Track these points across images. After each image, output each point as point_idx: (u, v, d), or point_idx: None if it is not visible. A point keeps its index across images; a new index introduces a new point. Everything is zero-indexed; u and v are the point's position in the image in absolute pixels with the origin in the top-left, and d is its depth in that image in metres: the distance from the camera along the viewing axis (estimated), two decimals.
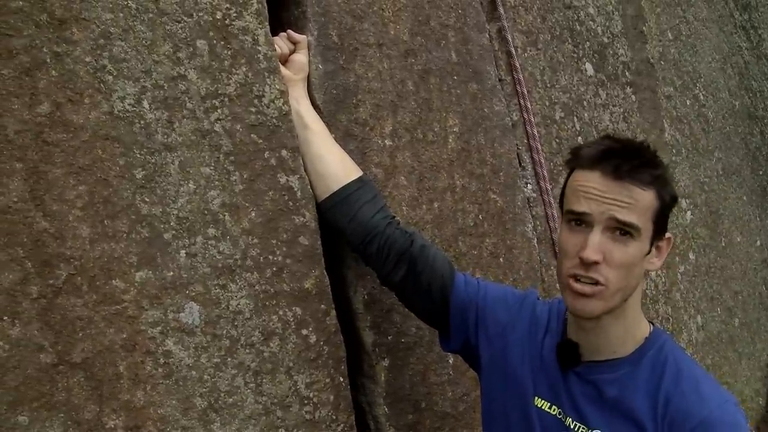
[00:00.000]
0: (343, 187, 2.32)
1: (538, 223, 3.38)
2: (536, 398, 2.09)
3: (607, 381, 1.96)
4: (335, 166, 2.34)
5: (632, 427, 1.89)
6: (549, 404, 2.07)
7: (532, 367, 2.13)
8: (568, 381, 2.04)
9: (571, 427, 1.99)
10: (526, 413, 2.10)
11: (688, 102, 5.59)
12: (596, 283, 1.84)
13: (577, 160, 1.93)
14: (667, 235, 1.94)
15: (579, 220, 1.87)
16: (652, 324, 2.05)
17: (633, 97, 4.55)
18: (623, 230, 1.83)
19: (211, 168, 2.11)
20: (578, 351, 2.03)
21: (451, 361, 2.77)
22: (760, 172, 7.19)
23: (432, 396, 2.68)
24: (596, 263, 1.82)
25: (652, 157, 1.89)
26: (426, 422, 2.65)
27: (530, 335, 2.18)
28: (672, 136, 5.07)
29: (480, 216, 3.00)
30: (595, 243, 1.82)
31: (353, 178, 2.33)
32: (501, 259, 3.09)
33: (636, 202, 1.81)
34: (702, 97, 5.92)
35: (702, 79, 5.98)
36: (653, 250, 1.91)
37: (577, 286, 1.85)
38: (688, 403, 1.84)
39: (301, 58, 2.40)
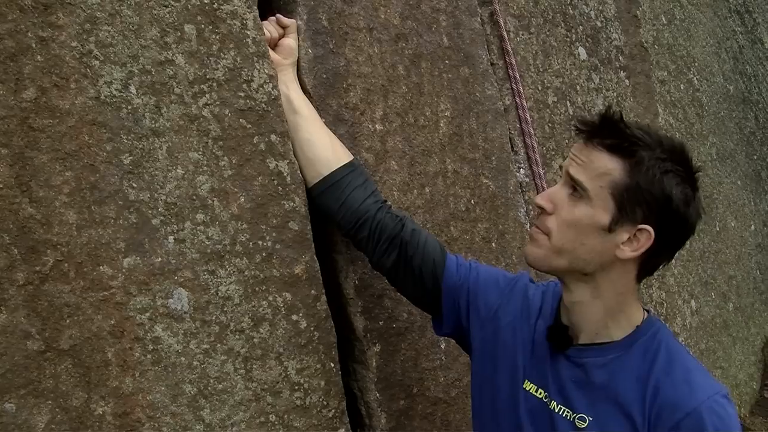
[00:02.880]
0: (333, 171, 2.30)
1: (530, 207, 3.38)
2: (526, 381, 2.09)
3: (595, 365, 1.96)
4: (325, 151, 2.33)
5: (618, 414, 1.88)
6: (536, 387, 2.06)
7: (524, 350, 2.13)
8: (557, 364, 2.03)
9: (556, 410, 1.98)
10: (514, 396, 2.10)
11: (682, 86, 5.58)
12: (541, 231, 1.92)
13: (576, 126, 1.96)
14: (643, 226, 1.86)
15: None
16: (647, 312, 2.03)
17: (626, 81, 4.54)
18: (575, 188, 1.87)
19: (200, 153, 2.10)
20: (569, 334, 2.03)
21: (443, 347, 2.76)
22: (755, 157, 7.19)
23: (424, 381, 2.68)
24: (544, 211, 1.90)
25: (626, 130, 1.85)
26: (418, 408, 2.64)
27: (522, 319, 2.18)
28: (666, 120, 5.06)
29: (472, 201, 3.00)
30: (548, 191, 1.93)
31: (343, 163, 2.32)
32: (493, 244, 3.08)
33: (590, 163, 1.84)
34: (696, 82, 5.91)
35: (696, 64, 5.97)
36: (625, 235, 1.86)
37: (530, 228, 1.96)
38: (678, 393, 1.83)
39: (290, 42, 2.38)
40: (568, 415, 1.96)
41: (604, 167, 1.83)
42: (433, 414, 2.70)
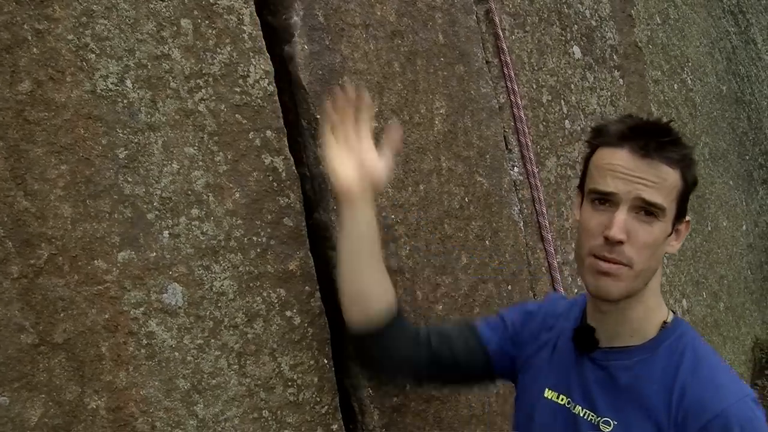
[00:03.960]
0: (383, 316, 2.20)
1: (524, 206, 3.38)
2: (546, 389, 2.08)
3: (621, 368, 1.93)
4: (377, 289, 2.22)
5: (643, 417, 1.86)
6: (557, 394, 2.05)
7: (547, 359, 2.13)
8: (582, 367, 2.01)
9: (581, 415, 1.96)
10: (534, 406, 2.09)
11: (675, 86, 5.59)
12: (620, 263, 1.81)
13: (601, 138, 1.89)
14: (687, 218, 1.92)
15: (603, 199, 1.84)
16: (673, 312, 2.01)
17: (620, 80, 4.55)
18: (648, 210, 1.80)
19: (195, 148, 2.09)
20: (595, 336, 2.00)
21: None
22: (747, 157, 7.21)
23: None
24: (621, 243, 1.80)
25: (678, 136, 1.86)
26: (411, 405, 2.64)
27: (548, 330, 2.18)
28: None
29: (466, 198, 3.00)
30: (621, 222, 1.79)
31: (393, 307, 2.22)
32: (487, 242, 3.08)
33: (662, 182, 1.79)
34: (689, 82, 5.92)
35: (690, 64, 5.98)
36: (673, 233, 1.89)
37: (601, 265, 1.82)
38: (705, 395, 1.81)
39: (377, 162, 2.21)
40: (593, 418, 1.94)
41: (674, 182, 1.82)
42: (425, 411, 2.70)
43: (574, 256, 2.45)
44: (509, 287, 3.18)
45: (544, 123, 3.67)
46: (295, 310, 2.30)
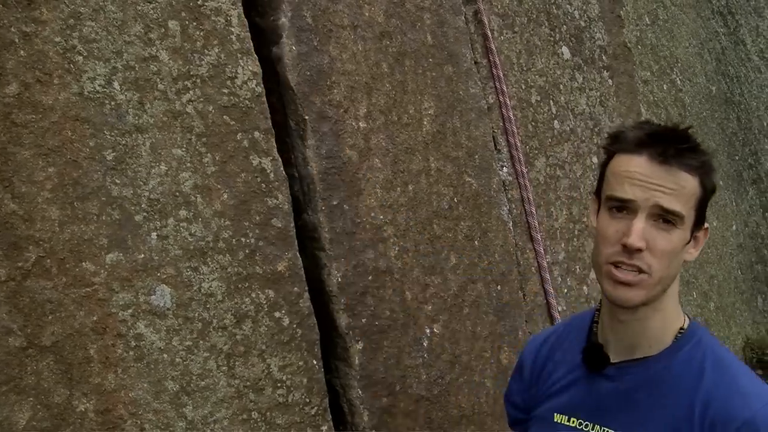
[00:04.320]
0: None
1: (513, 206, 3.39)
2: (555, 414, 2.02)
3: (637, 381, 1.89)
4: None
5: (664, 429, 1.82)
6: (567, 417, 1.99)
7: (556, 383, 2.07)
8: (595, 385, 1.96)
9: None
10: None
11: (665, 86, 5.60)
12: (639, 270, 1.77)
13: (619, 144, 1.85)
14: (705, 225, 1.87)
15: (621, 207, 1.80)
16: (688, 317, 1.96)
17: (610, 81, 4.56)
18: (666, 218, 1.76)
19: (183, 149, 2.09)
20: (605, 352, 1.95)
21: (425, 344, 2.77)
22: (736, 157, 7.23)
23: (406, 379, 2.68)
24: (639, 250, 1.76)
25: (697, 143, 1.82)
26: (400, 405, 2.65)
27: (553, 358, 2.13)
28: (649, 120, 5.08)
29: (455, 199, 3.00)
30: (640, 230, 1.76)
31: None
32: (476, 242, 3.09)
33: (681, 189, 1.76)
34: (679, 82, 5.93)
35: (679, 64, 5.99)
36: (692, 240, 1.85)
37: (620, 274, 1.78)
38: (731, 403, 1.76)
39: None
40: None
41: (693, 189, 1.78)
42: (415, 412, 2.70)
43: (591, 262, 2.42)
44: (498, 287, 3.19)
45: (533, 123, 3.67)
46: (284, 311, 2.30)
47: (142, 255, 1.99)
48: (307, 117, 2.44)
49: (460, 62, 3.15)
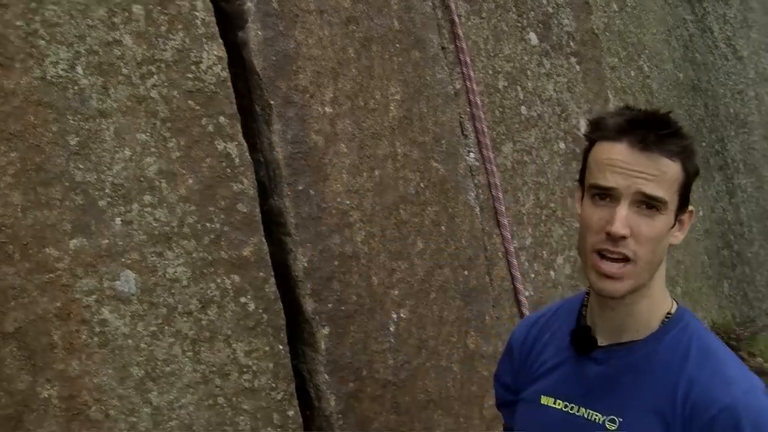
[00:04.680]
0: None
1: (480, 191, 3.39)
2: (542, 396, 2.02)
3: (623, 365, 1.90)
4: None
5: (650, 412, 1.83)
6: (554, 399, 2.00)
7: (543, 366, 2.07)
8: (582, 368, 1.96)
9: (584, 416, 1.91)
10: (533, 415, 2.05)
11: (632, 73, 5.63)
12: (624, 258, 1.78)
13: (599, 131, 1.84)
14: (690, 208, 1.88)
15: (604, 194, 1.80)
16: (675, 302, 1.96)
17: (577, 67, 4.57)
18: (650, 204, 1.76)
19: (148, 134, 2.09)
20: (592, 335, 1.95)
21: (392, 329, 2.78)
22: (703, 144, 7.27)
23: (373, 364, 2.69)
24: (624, 238, 1.76)
25: (678, 127, 1.81)
26: (367, 390, 2.65)
27: (541, 340, 2.12)
28: (616, 106, 5.11)
29: (422, 184, 3.01)
30: (623, 217, 1.75)
31: None
32: (443, 227, 3.10)
33: (663, 175, 1.76)
34: (646, 69, 5.97)
35: (647, 51, 6.02)
36: (677, 224, 1.85)
37: (605, 266, 1.78)
38: (712, 388, 1.78)
39: None
40: (597, 418, 1.90)
41: (675, 175, 1.78)
42: (382, 396, 2.71)
43: (577, 251, 2.41)
44: (465, 272, 3.20)
45: (500, 109, 3.68)
46: (249, 296, 2.30)
47: (107, 240, 1.99)
48: (272, 102, 2.44)
49: (427, 48, 3.15)
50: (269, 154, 2.45)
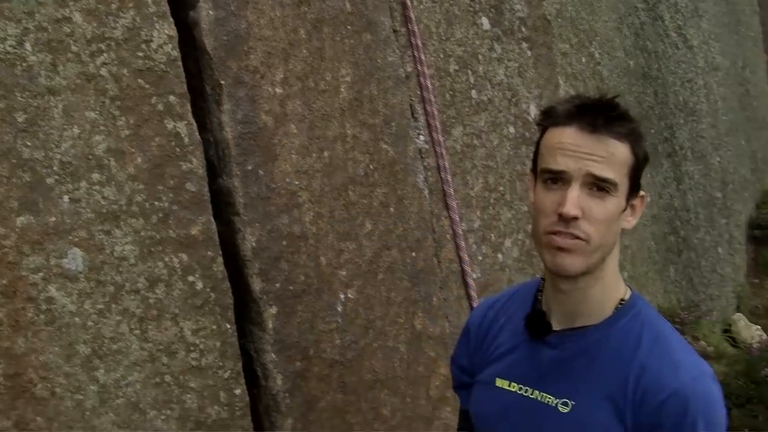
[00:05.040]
0: None
1: (429, 174, 3.42)
2: (497, 379, 2.05)
3: (576, 349, 1.93)
4: None
5: (601, 397, 1.87)
6: (508, 382, 2.03)
7: (498, 349, 2.10)
8: (536, 352, 2.00)
9: (538, 399, 1.95)
10: (487, 398, 2.08)
11: (583, 59, 5.68)
12: (577, 238, 1.80)
13: (550, 119, 1.88)
14: (641, 193, 1.92)
15: (555, 178, 1.83)
16: (630, 288, 2.01)
17: (528, 52, 4.61)
18: (600, 186, 1.79)
19: (97, 112, 2.08)
20: (547, 320, 1.99)
21: (339, 309, 2.80)
22: (652, 131, 7.36)
23: (320, 344, 2.71)
24: (576, 219, 1.79)
25: (625, 111, 1.85)
26: (314, 369, 2.68)
27: (497, 323, 2.16)
28: (566, 92, 5.15)
29: (371, 166, 3.03)
30: (574, 198, 1.78)
31: None
32: (391, 209, 3.12)
33: (612, 156, 1.79)
34: (597, 56, 6.02)
35: (598, 38, 6.08)
36: (628, 208, 1.89)
37: (558, 239, 1.81)
38: (663, 374, 1.82)
39: None
40: (550, 401, 1.93)
41: (624, 156, 1.81)
42: (329, 376, 2.74)
43: (532, 234, 2.44)
44: (413, 254, 3.23)
45: (451, 92, 3.71)
46: (197, 275, 2.31)
47: (54, 218, 1.98)
48: (223, 82, 2.44)
49: (379, 30, 3.17)
50: (219, 133, 2.46)
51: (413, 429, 3.15)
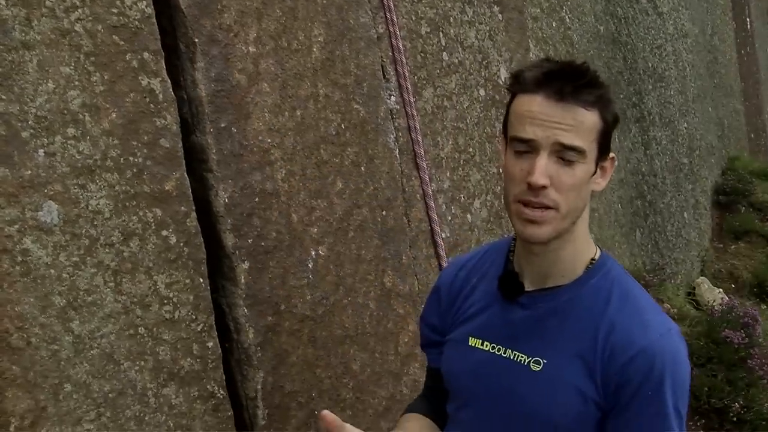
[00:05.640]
0: None
1: (400, 134, 3.46)
2: (470, 338, 2.10)
3: (548, 309, 1.98)
4: None
5: (572, 354, 1.91)
6: (481, 341, 2.08)
7: (471, 308, 2.15)
8: (508, 312, 2.04)
9: (510, 357, 2.00)
10: (460, 356, 2.13)
11: (554, 24, 5.72)
12: (546, 207, 1.84)
13: (519, 85, 1.90)
14: (611, 155, 1.95)
15: (524, 146, 1.86)
16: (599, 248, 2.05)
17: (500, 16, 4.64)
18: (568, 154, 1.82)
19: (71, 68, 2.10)
20: (520, 280, 2.04)
21: (310, 266, 2.84)
22: (621, 96, 7.43)
23: (291, 299, 2.76)
24: (544, 187, 1.82)
25: (593, 77, 1.87)
26: (285, 324, 2.72)
27: (469, 283, 2.20)
28: (537, 56, 5.20)
29: (342, 125, 3.06)
30: (542, 167, 1.81)
31: None
32: (362, 168, 3.16)
33: (580, 124, 1.81)
34: (568, 20, 6.06)
35: (569, 3, 6.12)
36: (598, 170, 1.92)
37: (527, 211, 1.85)
38: (631, 331, 1.87)
39: None
40: (523, 359, 1.97)
41: (592, 124, 1.83)
42: (300, 330, 2.78)
43: (503, 198, 2.47)
44: (384, 212, 3.27)
45: (422, 54, 3.74)
46: (171, 230, 2.34)
47: (29, 171, 2.00)
48: (197, 40, 2.46)
49: None
50: (192, 91, 2.48)
51: (382, 384, 3.21)
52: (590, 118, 1.83)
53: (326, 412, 1.90)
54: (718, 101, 12.21)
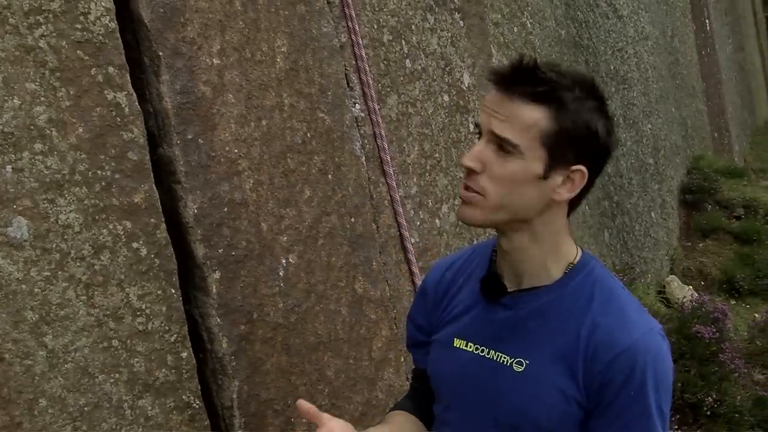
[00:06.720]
0: None
1: (366, 141, 3.49)
2: (455, 339, 2.12)
3: (529, 309, 1.99)
4: None
5: (554, 354, 1.92)
6: (465, 342, 2.09)
7: (455, 309, 2.17)
8: (491, 313, 2.05)
9: (494, 359, 2.01)
10: (445, 357, 2.15)
11: (515, 29, 5.77)
12: (473, 191, 1.87)
13: (489, 78, 1.91)
14: (579, 167, 1.88)
15: (477, 132, 1.91)
16: (581, 249, 2.05)
17: (461, 22, 4.69)
18: (502, 145, 1.82)
19: (37, 84, 2.11)
20: (501, 282, 2.05)
21: (281, 274, 2.86)
22: None
23: (264, 307, 2.77)
24: (473, 171, 1.85)
25: (546, 75, 1.84)
26: (258, 332, 2.74)
27: (455, 284, 2.22)
28: (499, 61, 5.24)
29: (308, 134, 3.09)
30: (475, 151, 1.85)
31: None
32: (330, 176, 3.19)
33: (516, 118, 1.81)
34: (529, 25, 6.12)
35: (529, 8, 6.17)
36: (559, 179, 1.87)
37: (462, 191, 1.89)
38: (614, 330, 1.88)
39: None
40: (506, 360, 1.98)
41: (530, 119, 1.81)
42: (273, 338, 2.80)
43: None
44: (352, 219, 3.30)
45: (385, 62, 3.78)
46: (141, 242, 2.35)
47: None
48: (161, 53, 2.48)
49: (313, 1, 3.22)
50: (158, 104, 2.49)
51: (357, 390, 3.23)
52: (530, 114, 1.82)
53: (302, 401, 1.93)
54: (681, 102, 12.34)
